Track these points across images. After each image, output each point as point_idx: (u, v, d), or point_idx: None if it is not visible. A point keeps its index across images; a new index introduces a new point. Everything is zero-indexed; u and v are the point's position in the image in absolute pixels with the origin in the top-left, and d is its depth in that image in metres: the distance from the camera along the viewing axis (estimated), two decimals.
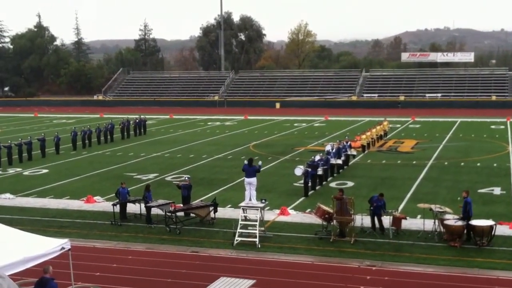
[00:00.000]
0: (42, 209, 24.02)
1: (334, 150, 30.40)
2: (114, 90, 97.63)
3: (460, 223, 18.55)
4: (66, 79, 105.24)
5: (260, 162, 23.87)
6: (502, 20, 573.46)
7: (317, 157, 27.74)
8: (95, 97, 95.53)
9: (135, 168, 33.58)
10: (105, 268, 17.02)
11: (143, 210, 21.86)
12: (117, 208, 21.87)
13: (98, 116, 70.36)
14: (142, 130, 50.26)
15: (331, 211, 19.52)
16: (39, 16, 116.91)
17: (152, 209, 21.41)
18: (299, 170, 25.72)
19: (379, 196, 20.09)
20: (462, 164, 33.30)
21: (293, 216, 22.21)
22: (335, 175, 29.87)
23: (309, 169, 25.85)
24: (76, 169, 33.52)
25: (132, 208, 22.48)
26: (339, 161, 30.41)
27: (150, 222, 21.26)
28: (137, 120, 50.49)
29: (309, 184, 25.85)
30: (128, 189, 23.12)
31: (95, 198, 25.27)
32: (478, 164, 33.18)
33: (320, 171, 26.88)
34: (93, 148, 41.82)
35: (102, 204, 24.48)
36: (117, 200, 22.17)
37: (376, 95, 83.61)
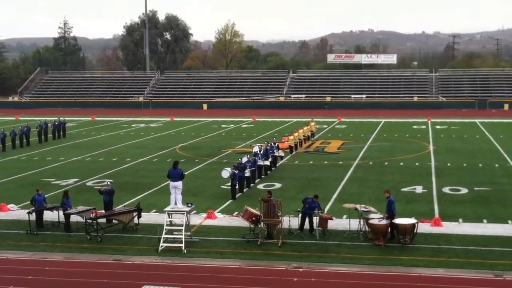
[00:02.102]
0: None
1: (261, 152, 30.31)
2: (31, 90, 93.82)
3: (384, 222, 18.80)
4: None
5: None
6: (423, 23, 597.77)
7: (245, 159, 27.55)
8: (10, 98, 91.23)
9: (54, 173, 32.35)
10: (20, 281, 16.11)
11: (62, 218, 20.96)
12: (33, 216, 20.86)
13: (13, 118, 67.33)
14: (61, 133, 48.59)
15: (259, 213, 19.38)
16: None
17: (72, 216, 20.61)
18: (226, 173, 25.47)
19: (313, 198, 20.12)
20: (386, 163, 34.06)
21: (220, 219, 21.93)
22: (262, 176, 29.78)
23: (237, 171, 25.63)
24: None
25: (49, 215, 21.55)
26: (267, 163, 30.35)
27: (69, 230, 20.43)
28: (56, 123, 48.73)
29: (237, 187, 25.63)
30: (45, 195, 22.19)
31: (8, 206, 24.05)
32: (401, 163, 34.03)
33: (247, 173, 26.70)
34: (8, 153, 39.98)
35: (17, 213, 23.28)
36: (33, 208, 21.11)
37: (304, 96, 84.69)
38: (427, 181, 28.50)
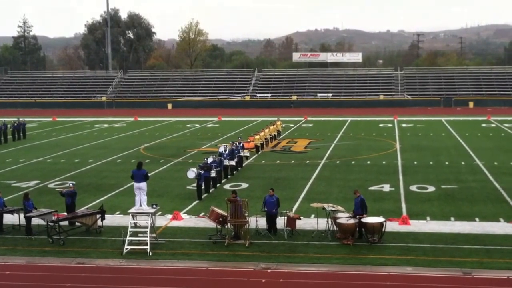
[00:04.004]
0: None
1: (227, 151, 30.03)
2: None
3: (352, 221, 18.71)
4: None
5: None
6: (388, 22, 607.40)
7: (210, 159, 27.23)
8: None
9: (14, 175, 31.54)
10: None
11: (23, 221, 20.35)
12: None
13: None
14: (21, 134, 47.49)
15: (225, 214, 19.12)
16: None
17: (33, 219, 20.05)
18: (191, 173, 25.21)
19: (270, 192, 20.02)
20: (353, 162, 34.11)
21: (186, 220, 21.61)
22: (229, 176, 29.53)
23: (202, 171, 25.30)
24: None
25: (9, 218, 20.93)
26: (233, 163, 30.09)
27: (31, 233, 19.84)
28: (16, 124, 47.61)
29: (203, 187, 25.31)
30: (4, 199, 21.53)
31: None
32: (368, 162, 34.14)
33: (213, 173, 26.40)
34: None
35: None
36: None
37: (269, 95, 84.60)
38: (394, 179, 28.61)
